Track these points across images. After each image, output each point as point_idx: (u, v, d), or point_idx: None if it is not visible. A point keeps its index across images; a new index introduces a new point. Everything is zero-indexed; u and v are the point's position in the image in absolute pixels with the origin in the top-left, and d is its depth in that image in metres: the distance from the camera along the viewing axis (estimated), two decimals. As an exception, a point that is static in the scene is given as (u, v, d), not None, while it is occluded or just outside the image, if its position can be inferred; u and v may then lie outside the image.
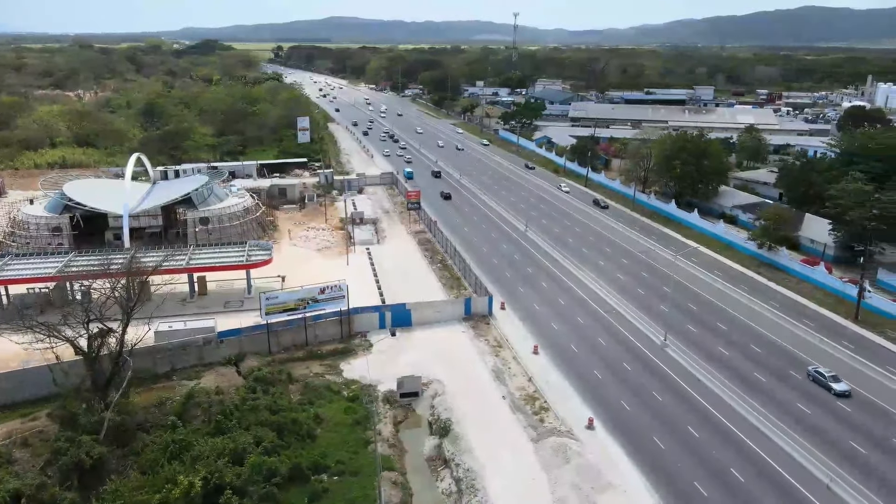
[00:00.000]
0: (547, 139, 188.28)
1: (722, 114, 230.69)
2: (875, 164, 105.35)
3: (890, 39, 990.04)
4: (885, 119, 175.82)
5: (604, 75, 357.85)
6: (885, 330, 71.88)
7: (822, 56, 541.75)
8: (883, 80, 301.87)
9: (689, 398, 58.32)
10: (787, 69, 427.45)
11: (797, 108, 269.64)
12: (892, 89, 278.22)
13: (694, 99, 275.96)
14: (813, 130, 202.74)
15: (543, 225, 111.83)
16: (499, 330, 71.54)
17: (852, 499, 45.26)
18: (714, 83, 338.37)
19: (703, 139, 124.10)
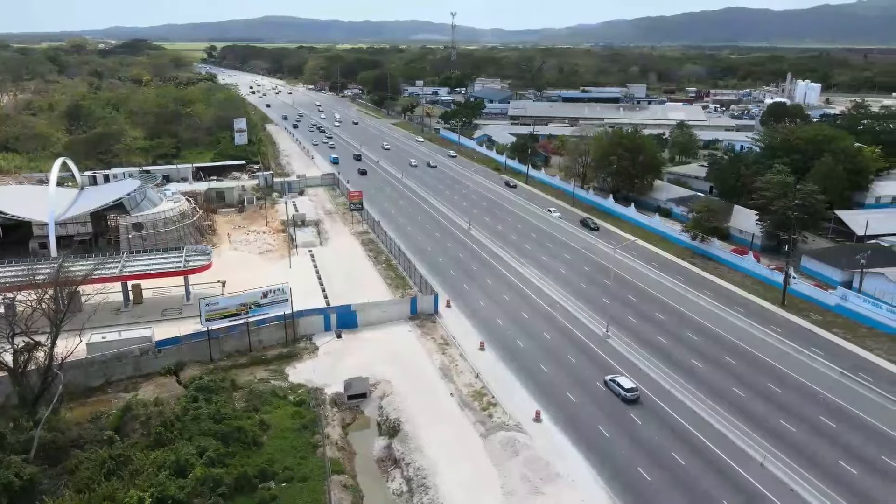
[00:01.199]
0: (487, 137, 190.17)
1: (654, 111, 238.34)
2: (796, 157, 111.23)
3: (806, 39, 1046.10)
4: (803, 114, 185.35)
5: (541, 74, 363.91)
6: (809, 314, 75.95)
7: (745, 55, 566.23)
8: (801, 77, 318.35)
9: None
10: (714, 68, 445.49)
11: (724, 105, 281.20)
12: (809, 86, 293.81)
13: (628, 97, 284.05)
14: (739, 126, 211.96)
15: (486, 222, 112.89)
16: (445, 328, 71.83)
17: (784, 475, 47.61)
18: (646, 81, 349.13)
19: (637, 135, 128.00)
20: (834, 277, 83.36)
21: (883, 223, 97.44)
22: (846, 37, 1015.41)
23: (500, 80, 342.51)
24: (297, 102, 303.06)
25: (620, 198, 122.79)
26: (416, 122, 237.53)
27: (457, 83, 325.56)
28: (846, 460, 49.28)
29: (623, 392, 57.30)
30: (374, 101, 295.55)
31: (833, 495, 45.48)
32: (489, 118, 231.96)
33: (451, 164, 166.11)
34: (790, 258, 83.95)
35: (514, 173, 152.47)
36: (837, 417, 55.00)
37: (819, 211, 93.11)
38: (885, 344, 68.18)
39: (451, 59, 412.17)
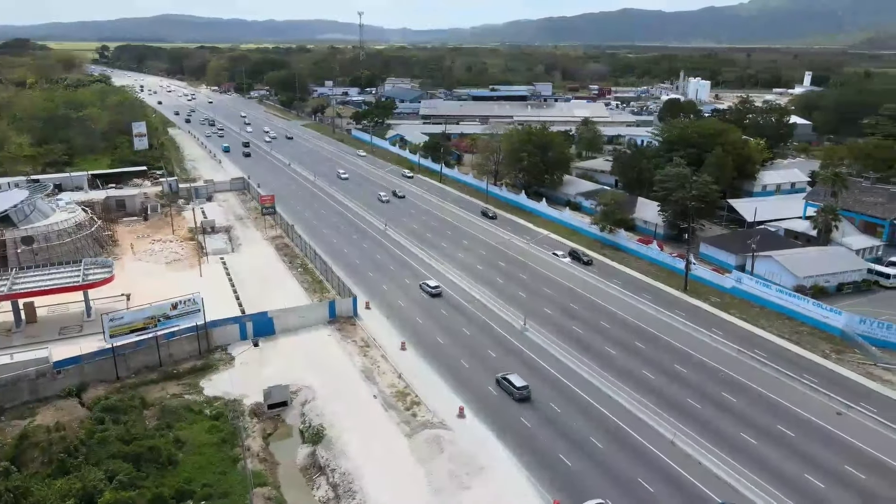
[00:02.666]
0: (400, 137, 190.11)
1: (561, 108, 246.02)
2: (691, 150, 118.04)
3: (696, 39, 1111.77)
4: (696, 110, 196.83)
5: (451, 73, 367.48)
6: (708, 297, 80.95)
7: (642, 54, 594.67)
8: (692, 75, 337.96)
9: (550, 377, 61.89)
10: (613, 66, 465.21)
11: (624, 102, 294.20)
12: (700, 83, 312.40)
13: (535, 95, 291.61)
14: (639, 122, 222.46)
15: (403, 222, 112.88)
16: (365, 330, 71.32)
17: (693, 451, 50.55)
18: (552, 79, 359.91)
19: (546, 132, 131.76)
20: (729, 262, 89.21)
21: (769, 210, 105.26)
22: (731, 37, 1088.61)
23: (410, 80, 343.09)
24: (200, 105, 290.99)
25: (532, 193, 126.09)
26: (327, 123, 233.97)
27: (367, 83, 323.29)
28: (746, 431, 52.91)
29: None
30: (282, 103, 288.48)
31: (736, 465, 48.72)
32: (401, 118, 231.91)
33: (363, 164, 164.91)
34: (690, 246, 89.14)
35: (429, 172, 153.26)
36: (737, 392, 58.95)
37: (714, 200, 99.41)
38: (774, 322, 73.71)
39: (360, 58, 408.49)
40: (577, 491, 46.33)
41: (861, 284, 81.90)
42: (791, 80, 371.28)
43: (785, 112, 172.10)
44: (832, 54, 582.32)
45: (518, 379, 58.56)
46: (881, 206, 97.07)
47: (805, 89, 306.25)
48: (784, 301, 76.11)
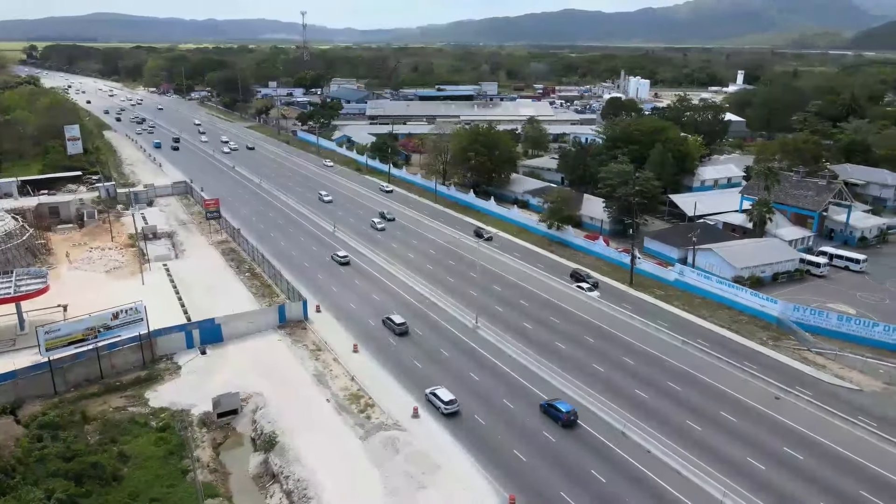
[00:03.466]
0: (347, 138, 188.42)
1: (506, 107, 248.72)
2: (634, 147, 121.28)
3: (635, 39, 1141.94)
4: (637, 108, 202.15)
5: (397, 73, 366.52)
6: (653, 290, 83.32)
7: (583, 54, 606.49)
8: (632, 74, 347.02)
9: (503, 373, 62.55)
10: (556, 66, 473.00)
11: (568, 101, 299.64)
12: (640, 82, 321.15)
13: (481, 94, 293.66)
14: (582, 120, 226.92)
15: (352, 224, 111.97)
16: (316, 333, 70.46)
17: (643, 441, 51.96)
18: (497, 79, 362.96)
19: (492, 131, 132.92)
20: (672, 255, 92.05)
21: (708, 204, 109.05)
22: (667, 37, 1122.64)
23: (356, 80, 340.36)
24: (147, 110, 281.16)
25: (481, 192, 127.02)
26: (272, 125, 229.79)
27: (312, 84, 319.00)
28: (692, 419, 54.77)
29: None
30: (225, 104, 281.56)
31: (683, 452, 50.36)
32: (347, 118, 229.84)
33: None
34: (635, 240, 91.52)
35: (376, 173, 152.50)
36: (683, 381, 60.91)
37: (656, 196, 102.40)
38: (715, 312, 76.48)
39: (304, 59, 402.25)
40: (530, 486, 46.99)
41: (794, 274, 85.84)
42: (725, 78, 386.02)
43: (720, 110, 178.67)
44: (761, 54, 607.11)
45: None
46: (810, 198, 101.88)
47: (738, 87, 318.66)
48: (724, 292, 79.03)
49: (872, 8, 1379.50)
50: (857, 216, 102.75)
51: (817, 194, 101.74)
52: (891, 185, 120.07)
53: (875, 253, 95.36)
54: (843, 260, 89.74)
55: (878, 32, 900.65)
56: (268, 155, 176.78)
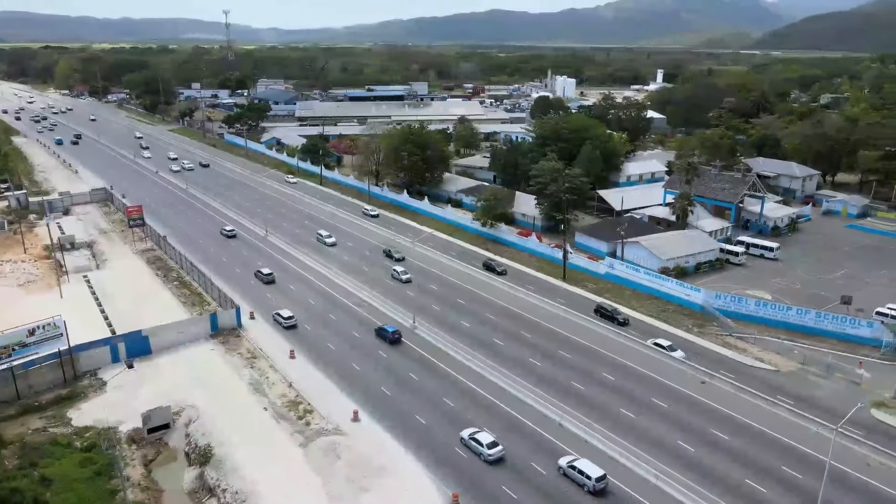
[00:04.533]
0: (276, 140, 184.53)
1: (437, 107, 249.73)
2: (563, 145, 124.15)
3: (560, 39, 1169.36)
4: (564, 106, 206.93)
5: (326, 74, 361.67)
6: (585, 283, 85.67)
7: (511, 53, 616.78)
8: (559, 73, 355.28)
9: (442, 372, 62.87)
10: (485, 65, 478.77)
11: (498, 100, 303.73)
12: (567, 81, 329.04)
13: (411, 94, 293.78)
14: (512, 119, 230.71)
15: (284, 228, 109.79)
16: (251, 341, 68.76)
17: (578, 430, 53.39)
18: (427, 79, 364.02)
19: (424, 131, 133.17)
20: (602, 249, 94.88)
21: (634, 199, 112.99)
22: (591, 37, 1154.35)
23: (284, 81, 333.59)
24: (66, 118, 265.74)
25: (414, 192, 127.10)
26: (197, 128, 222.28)
27: (238, 85, 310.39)
28: (626, 406, 56.69)
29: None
30: (145, 107, 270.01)
31: (618, 439, 52.09)
32: (276, 120, 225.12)
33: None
34: (566, 236, 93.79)
35: (308, 175, 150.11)
36: (616, 371, 62.97)
37: (585, 192, 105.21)
38: (644, 302, 79.43)
39: (228, 59, 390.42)
40: (472, 481, 47.48)
41: (715, 263, 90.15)
42: (646, 77, 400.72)
43: (642, 107, 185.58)
44: (679, 54, 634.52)
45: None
46: (728, 191, 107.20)
47: (659, 86, 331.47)
48: (651, 283, 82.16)
49: (779, 10, 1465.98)
50: (769, 207, 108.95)
51: (734, 187, 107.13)
52: (799, 177, 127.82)
53: (787, 241, 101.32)
54: (758, 248, 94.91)
55: (783, 33, 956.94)
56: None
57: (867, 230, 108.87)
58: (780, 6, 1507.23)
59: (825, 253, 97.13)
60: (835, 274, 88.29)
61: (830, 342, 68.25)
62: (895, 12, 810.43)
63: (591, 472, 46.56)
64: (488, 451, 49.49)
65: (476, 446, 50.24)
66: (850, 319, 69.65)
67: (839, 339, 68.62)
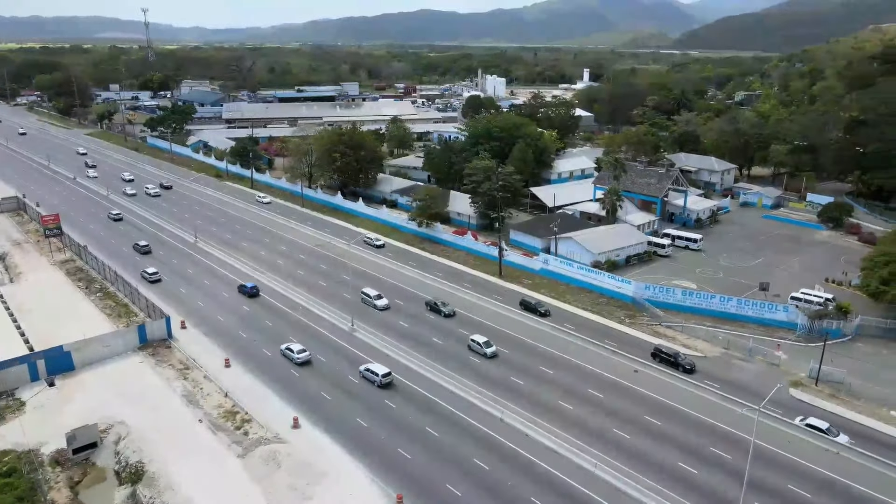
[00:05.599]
0: (203, 143, 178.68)
1: (369, 107, 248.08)
2: (495, 144, 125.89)
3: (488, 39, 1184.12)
4: (496, 105, 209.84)
5: (253, 74, 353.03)
6: (521, 280, 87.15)
7: (441, 53, 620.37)
8: (488, 72, 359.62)
9: (382, 373, 62.57)
10: (416, 65, 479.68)
11: (429, 99, 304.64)
12: (497, 80, 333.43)
13: (342, 94, 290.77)
14: (445, 118, 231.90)
15: (213, 233, 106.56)
16: (183, 351, 66.43)
17: (519, 424, 54.32)
18: (358, 79, 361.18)
19: (356, 132, 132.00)
20: (536, 246, 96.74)
21: (565, 195, 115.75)
22: (518, 37, 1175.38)
23: (209, 82, 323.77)
24: None
25: (349, 193, 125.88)
26: (117, 131, 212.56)
27: (160, 86, 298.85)
28: (564, 398, 58.06)
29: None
30: (59, 110, 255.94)
31: (557, 430, 53.29)
32: (202, 123, 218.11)
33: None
34: (501, 233, 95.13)
35: (238, 178, 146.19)
36: (554, 364, 64.37)
37: (518, 189, 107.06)
38: (578, 296, 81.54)
39: (149, 59, 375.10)
40: (418, 482, 47.55)
41: (644, 256, 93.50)
42: (573, 76, 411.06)
43: (571, 106, 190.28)
44: (603, 53, 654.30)
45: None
46: (653, 185, 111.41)
47: (585, 84, 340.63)
48: (585, 277, 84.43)
49: (693, 11, 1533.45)
50: (692, 200, 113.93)
51: (658, 182, 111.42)
52: (718, 171, 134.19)
53: (709, 232, 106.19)
54: (683, 240, 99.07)
55: (700, 34, 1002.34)
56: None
57: (781, 220, 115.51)
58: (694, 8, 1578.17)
59: (744, 243, 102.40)
60: (753, 262, 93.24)
61: (751, 327, 72.08)
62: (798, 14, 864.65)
63: (379, 370, 60.25)
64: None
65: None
66: (767, 305, 73.75)
67: (759, 324, 72.55)
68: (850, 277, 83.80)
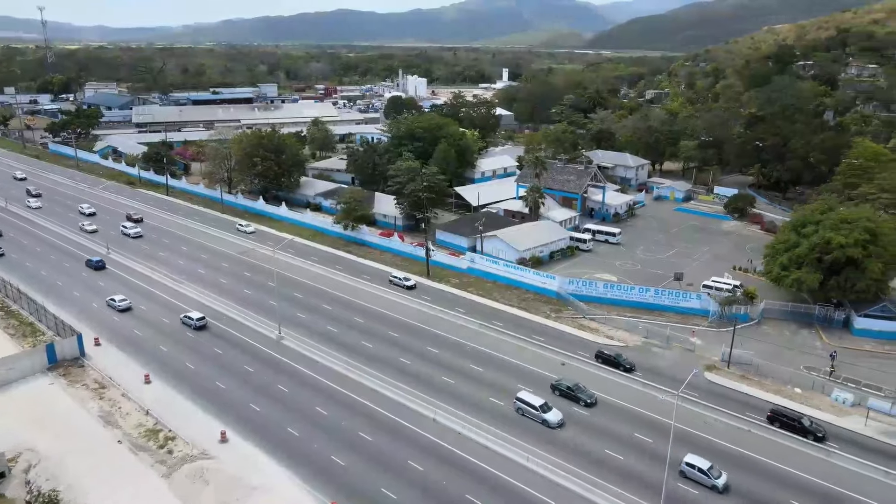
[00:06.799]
0: (112, 149, 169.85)
1: (289, 109, 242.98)
2: (418, 145, 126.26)
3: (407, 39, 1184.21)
4: (417, 106, 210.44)
5: (164, 76, 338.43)
6: (449, 279, 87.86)
7: (361, 53, 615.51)
8: (409, 72, 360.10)
9: (313, 381, 61.64)
10: (336, 65, 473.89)
11: (351, 100, 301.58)
12: (418, 80, 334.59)
13: (261, 96, 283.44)
14: (367, 119, 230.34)
15: (128, 244, 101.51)
16: (98, 369, 63.05)
17: (455, 424, 54.75)
18: (276, 80, 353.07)
19: (277, 135, 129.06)
20: (462, 245, 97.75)
21: (489, 193, 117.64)
22: (437, 37, 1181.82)
23: (116, 84, 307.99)
24: None
25: (271, 198, 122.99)
26: (14, 138, 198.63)
27: (61, 89, 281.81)
28: (495, 396, 58.96)
29: None
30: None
31: (494, 429, 54.05)
32: (110, 127, 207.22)
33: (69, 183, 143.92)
34: (427, 234, 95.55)
35: (152, 185, 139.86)
36: (483, 362, 65.28)
37: (443, 189, 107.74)
38: (505, 293, 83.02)
39: (48, 60, 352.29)
40: (352, 487, 47.17)
41: (566, 251, 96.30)
42: (492, 75, 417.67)
43: (491, 105, 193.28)
44: (521, 53, 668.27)
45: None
46: (573, 182, 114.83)
47: (505, 84, 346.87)
48: (511, 274, 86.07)
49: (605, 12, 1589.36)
50: (610, 195, 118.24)
51: (578, 178, 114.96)
52: (632, 167, 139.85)
53: (626, 226, 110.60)
54: (603, 234, 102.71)
55: (612, 34, 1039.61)
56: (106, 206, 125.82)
57: (692, 212, 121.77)
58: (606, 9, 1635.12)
59: (659, 235, 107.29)
60: (668, 253, 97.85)
61: (668, 316, 75.67)
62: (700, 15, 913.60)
63: (194, 315, 70.88)
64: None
65: None
66: (682, 294, 77.64)
67: (675, 313, 76.26)
68: (754, 265, 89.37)
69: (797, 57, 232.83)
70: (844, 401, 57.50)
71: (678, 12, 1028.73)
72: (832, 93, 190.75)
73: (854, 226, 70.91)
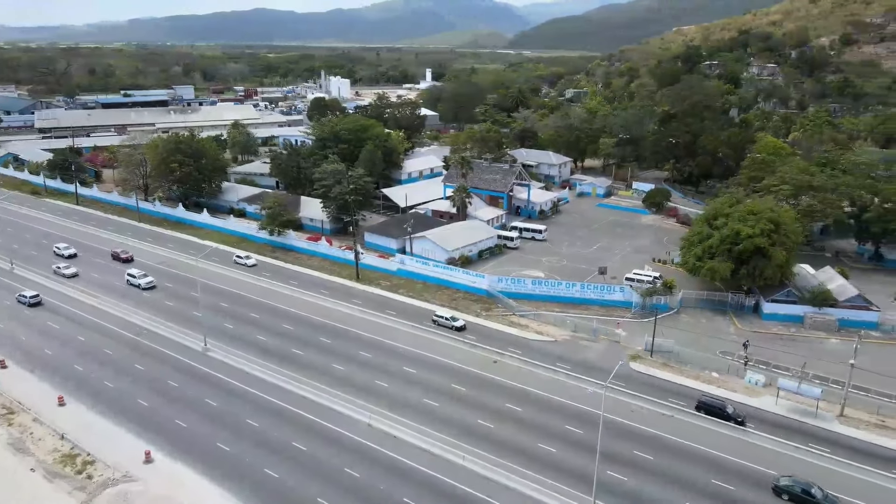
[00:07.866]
0: (13, 157, 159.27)
1: (208, 112, 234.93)
2: (343, 147, 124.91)
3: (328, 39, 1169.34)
4: (341, 107, 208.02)
5: (69, 77, 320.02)
6: (379, 282, 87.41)
7: (281, 54, 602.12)
8: (332, 73, 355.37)
9: (242, 392, 59.92)
10: (254, 66, 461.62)
11: (272, 102, 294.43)
12: (341, 81, 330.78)
13: (176, 99, 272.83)
14: (290, 121, 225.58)
15: (33, 257, 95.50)
16: (5, 393, 58.98)
17: (391, 429, 54.54)
18: (192, 82, 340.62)
19: (195, 139, 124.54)
20: (391, 247, 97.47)
21: (417, 194, 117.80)
22: (359, 37, 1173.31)
23: (15, 87, 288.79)
24: None
25: (192, 205, 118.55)
26: None
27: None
28: (430, 397, 59.19)
29: None
30: None
31: (429, 430, 54.16)
32: (10, 133, 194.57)
33: None
34: (356, 237, 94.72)
35: (60, 194, 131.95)
36: (418, 365, 65.35)
37: (370, 191, 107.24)
38: (436, 294, 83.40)
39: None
40: (287, 499, 46.21)
41: (495, 249, 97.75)
42: (416, 76, 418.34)
43: (416, 105, 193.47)
44: (444, 53, 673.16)
45: None
46: (499, 181, 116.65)
47: (429, 84, 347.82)
48: (440, 274, 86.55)
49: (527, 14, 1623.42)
50: (535, 193, 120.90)
51: (503, 177, 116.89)
52: (555, 164, 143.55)
53: (552, 222, 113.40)
54: (529, 232, 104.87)
55: (531, 34, 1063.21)
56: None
57: (613, 207, 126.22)
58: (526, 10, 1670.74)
59: (583, 230, 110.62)
60: (592, 248, 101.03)
61: (594, 309, 78.14)
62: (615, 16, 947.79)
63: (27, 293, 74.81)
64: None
65: None
66: (606, 287, 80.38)
67: (600, 306, 78.86)
68: (672, 256, 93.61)
69: (703, 57, 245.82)
70: (757, 382, 61.16)
71: (593, 13, 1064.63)
72: (736, 91, 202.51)
73: (759, 217, 75.56)
